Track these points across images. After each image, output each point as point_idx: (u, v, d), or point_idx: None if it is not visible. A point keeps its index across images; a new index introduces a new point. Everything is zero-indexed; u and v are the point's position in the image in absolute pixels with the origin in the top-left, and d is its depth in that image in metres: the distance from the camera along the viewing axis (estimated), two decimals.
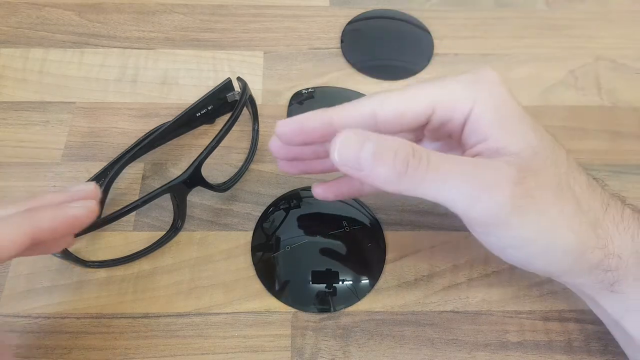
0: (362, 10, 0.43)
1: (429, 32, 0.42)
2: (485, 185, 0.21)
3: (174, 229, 0.31)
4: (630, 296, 0.25)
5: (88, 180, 0.31)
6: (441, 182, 0.21)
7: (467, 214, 0.22)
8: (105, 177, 0.32)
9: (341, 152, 0.21)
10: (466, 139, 0.25)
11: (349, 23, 0.42)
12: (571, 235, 0.23)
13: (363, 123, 0.24)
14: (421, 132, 0.27)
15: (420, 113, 0.24)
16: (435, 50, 0.41)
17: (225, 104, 0.35)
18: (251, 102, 0.35)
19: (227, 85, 0.34)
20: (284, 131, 0.25)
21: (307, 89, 0.38)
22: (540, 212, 0.22)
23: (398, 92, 0.24)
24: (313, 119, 0.24)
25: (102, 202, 0.32)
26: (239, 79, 0.34)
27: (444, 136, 0.27)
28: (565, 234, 0.23)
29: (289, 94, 0.38)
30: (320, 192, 0.29)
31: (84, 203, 0.24)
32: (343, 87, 0.39)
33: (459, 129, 0.25)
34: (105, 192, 0.32)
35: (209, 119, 0.36)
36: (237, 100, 0.33)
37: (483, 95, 0.24)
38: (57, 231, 0.23)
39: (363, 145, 0.21)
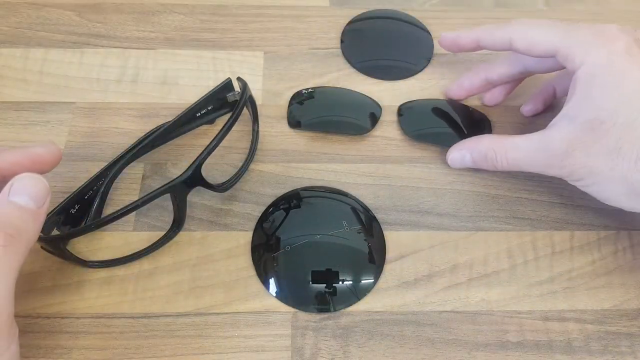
0: (362, 10, 0.43)
1: (429, 32, 0.42)
2: (543, 168, 0.30)
3: (174, 229, 0.31)
4: None
5: (88, 180, 0.31)
6: (517, 168, 0.32)
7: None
8: (105, 177, 0.32)
9: (452, 161, 0.34)
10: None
11: (349, 23, 0.42)
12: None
13: (502, 45, 0.33)
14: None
15: (545, 52, 0.30)
16: (435, 50, 0.41)
17: (225, 104, 0.35)
18: (251, 102, 0.35)
19: (227, 86, 0.34)
20: (443, 43, 0.36)
21: (307, 89, 0.38)
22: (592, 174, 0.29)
23: (531, 27, 0.31)
24: (465, 37, 0.35)
25: (102, 202, 0.32)
26: (239, 79, 0.34)
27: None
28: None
29: (289, 94, 0.38)
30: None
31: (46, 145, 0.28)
32: (343, 87, 0.39)
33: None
34: (105, 192, 0.32)
35: (209, 119, 0.36)
36: (237, 100, 0.33)
37: (591, 56, 0.28)
38: (19, 164, 0.26)
39: (464, 157, 0.34)
